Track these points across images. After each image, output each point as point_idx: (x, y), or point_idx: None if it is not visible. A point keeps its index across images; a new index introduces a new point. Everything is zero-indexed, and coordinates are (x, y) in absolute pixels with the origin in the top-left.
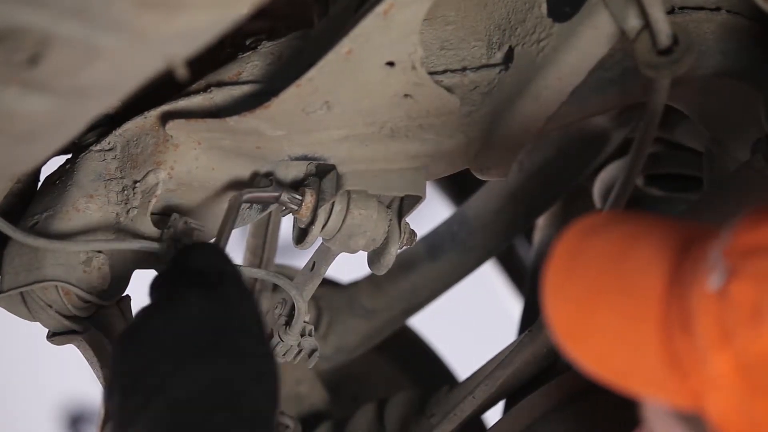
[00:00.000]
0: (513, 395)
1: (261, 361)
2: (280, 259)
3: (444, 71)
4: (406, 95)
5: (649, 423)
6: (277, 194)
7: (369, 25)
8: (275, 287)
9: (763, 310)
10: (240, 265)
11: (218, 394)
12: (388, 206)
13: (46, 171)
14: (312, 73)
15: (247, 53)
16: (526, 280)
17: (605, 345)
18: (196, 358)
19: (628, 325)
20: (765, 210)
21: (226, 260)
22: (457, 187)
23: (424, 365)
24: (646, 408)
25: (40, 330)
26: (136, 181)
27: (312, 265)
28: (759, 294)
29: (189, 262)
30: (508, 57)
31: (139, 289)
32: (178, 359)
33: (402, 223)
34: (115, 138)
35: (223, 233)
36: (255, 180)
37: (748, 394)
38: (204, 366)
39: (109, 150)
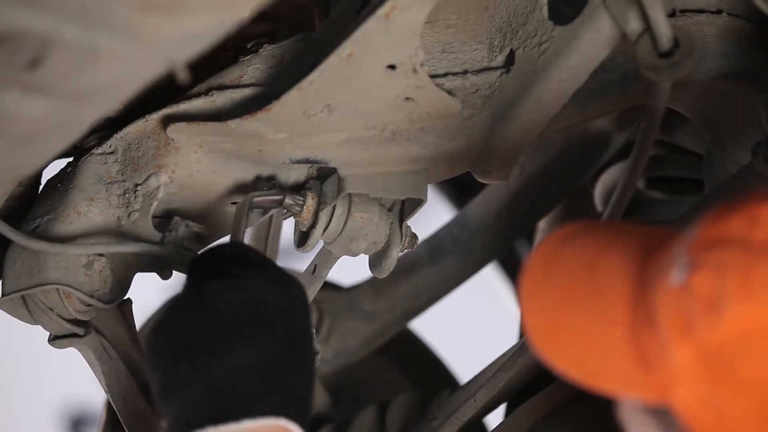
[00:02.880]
0: (514, 398)
1: (308, 346)
2: (281, 262)
3: (445, 74)
4: (407, 98)
5: (624, 421)
6: (281, 197)
7: (370, 28)
8: None
9: (721, 300)
10: None
11: (270, 372)
12: (390, 209)
13: (47, 174)
14: (313, 76)
15: (249, 56)
16: None
17: (577, 346)
18: (256, 333)
19: (598, 326)
20: (727, 205)
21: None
22: (459, 190)
23: (425, 368)
24: (622, 407)
25: (41, 333)
26: (137, 185)
27: (313, 269)
28: (717, 284)
29: (242, 249)
30: (510, 60)
31: (141, 292)
32: (239, 331)
33: (403, 226)
34: (116, 141)
35: (237, 238)
36: (258, 184)
37: (711, 383)
38: (262, 342)
39: (111, 153)
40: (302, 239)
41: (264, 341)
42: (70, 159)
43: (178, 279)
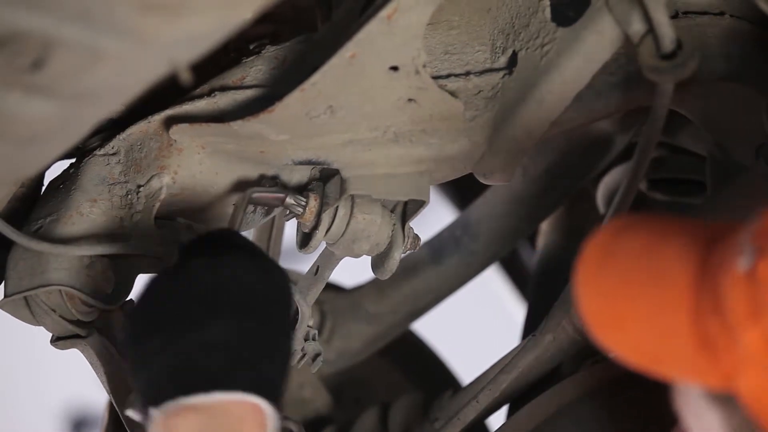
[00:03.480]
0: (516, 400)
1: (283, 331)
2: (283, 264)
3: (448, 76)
4: (409, 100)
5: (681, 408)
6: (282, 196)
7: (373, 29)
8: None
9: None
10: None
11: (243, 351)
12: (392, 211)
13: (50, 175)
14: (316, 77)
15: (251, 58)
16: (530, 284)
17: (637, 332)
18: (232, 311)
19: (659, 312)
20: None
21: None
22: (461, 191)
23: (427, 369)
24: (679, 393)
25: (43, 334)
26: (139, 186)
27: (316, 270)
28: None
29: (231, 235)
30: (512, 61)
31: None
32: (216, 308)
33: (406, 227)
34: (118, 142)
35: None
36: (261, 181)
37: None
38: (237, 321)
39: (113, 154)
40: (305, 240)
41: (239, 320)
42: (73, 160)
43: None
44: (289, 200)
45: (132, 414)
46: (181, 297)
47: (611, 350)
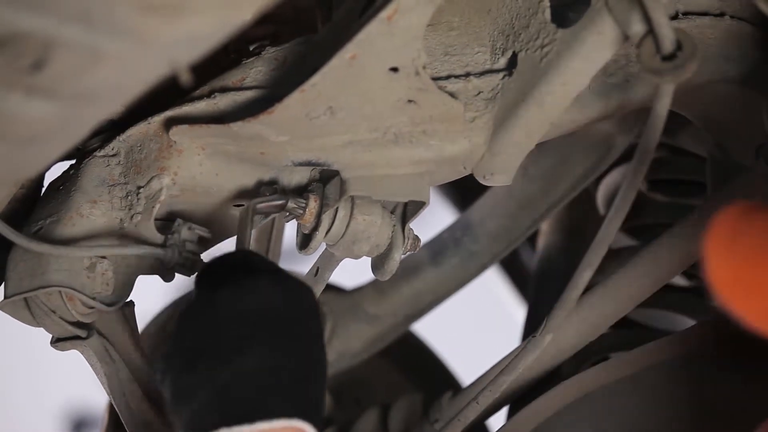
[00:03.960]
0: (517, 401)
1: (319, 350)
2: (283, 265)
3: (448, 77)
4: (409, 101)
5: None
6: (284, 201)
7: (373, 30)
8: None
9: None
10: None
11: (281, 375)
12: (392, 212)
13: (50, 176)
14: (316, 78)
15: (251, 59)
16: (530, 285)
17: None
18: (267, 338)
19: None
20: None
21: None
22: (461, 192)
23: (427, 370)
24: None
25: (43, 335)
26: (139, 187)
27: (316, 271)
28: None
29: (250, 257)
30: (512, 63)
31: (143, 295)
32: (251, 337)
33: (406, 228)
34: (118, 143)
35: (243, 246)
36: (260, 189)
37: None
38: (274, 346)
39: (113, 155)
40: (305, 242)
41: (275, 346)
42: (73, 161)
43: (180, 281)
44: (290, 204)
45: None
46: (213, 331)
47: (742, 319)
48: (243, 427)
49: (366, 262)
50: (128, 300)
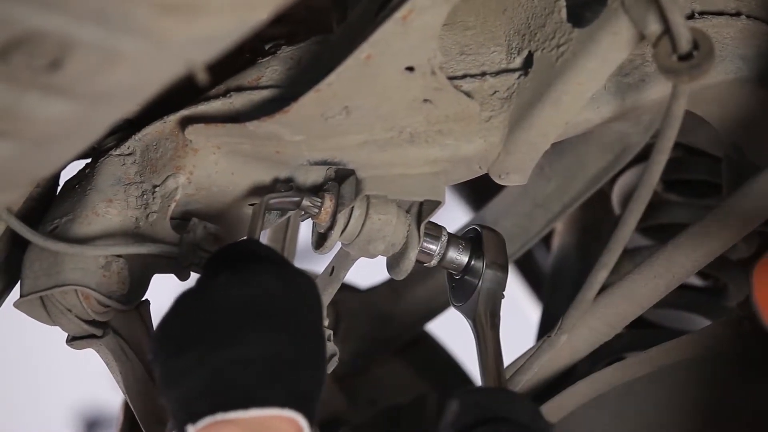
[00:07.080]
0: (532, 400)
1: (317, 340)
2: (298, 264)
3: (463, 76)
4: (425, 100)
5: None
6: (298, 198)
7: (388, 30)
8: None
9: None
10: None
11: (277, 364)
12: (408, 211)
13: (65, 175)
14: (331, 78)
15: (267, 58)
16: (545, 285)
17: None
18: (263, 326)
19: None
20: None
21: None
22: (476, 192)
23: (442, 370)
24: None
25: (58, 334)
26: (155, 186)
27: (331, 270)
28: None
29: (254, 246)
30: (528, 62)
31: (159, 293)
32: (246, 323)
33: (421, 228)
34: (134, 142)
35: (252, 238)
36: (276, 186)
37: None
38: (270, 335)
39: (129, 154)
40: (320, 241)
41: (271, 334)
42: (89, 160)
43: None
44: (305, 202)
45: None
46: (208, 315)
47: None
48: (236, 412)
49: (381, 261)
50: (144, 299)
